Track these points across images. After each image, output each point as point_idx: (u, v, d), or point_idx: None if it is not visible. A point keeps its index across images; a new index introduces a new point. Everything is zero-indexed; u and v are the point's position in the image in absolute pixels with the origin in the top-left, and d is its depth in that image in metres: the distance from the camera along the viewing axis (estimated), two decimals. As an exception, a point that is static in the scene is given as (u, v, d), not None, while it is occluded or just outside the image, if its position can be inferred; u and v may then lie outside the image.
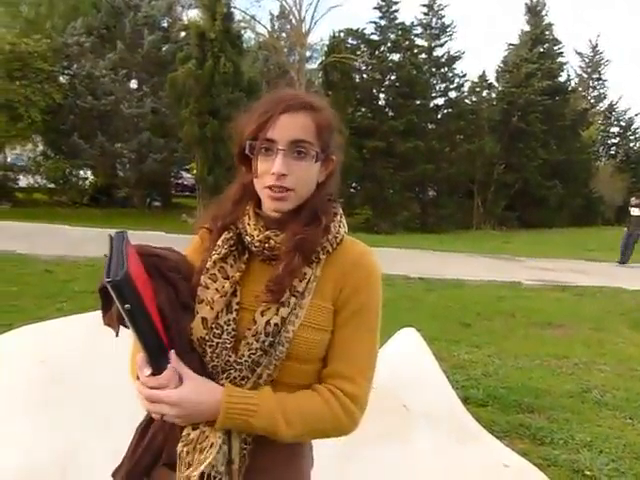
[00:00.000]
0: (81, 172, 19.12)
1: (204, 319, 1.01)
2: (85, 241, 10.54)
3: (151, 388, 0.93)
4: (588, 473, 2.85)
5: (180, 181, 23.98)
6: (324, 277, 1.04)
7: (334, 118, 1.09)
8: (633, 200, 13.91)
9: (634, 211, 13.62)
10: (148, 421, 1.09)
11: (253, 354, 0.98)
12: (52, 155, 18.18)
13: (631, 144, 34.85)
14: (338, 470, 2.23)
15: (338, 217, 1.10)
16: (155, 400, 0.94)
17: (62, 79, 17.41)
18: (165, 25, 20.12)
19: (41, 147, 18.87)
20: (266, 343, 0.97)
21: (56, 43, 16.63)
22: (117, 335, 1.02)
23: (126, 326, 0.99)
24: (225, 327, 1.00)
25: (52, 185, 18.50)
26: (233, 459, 0.98)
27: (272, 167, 1.00)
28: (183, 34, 19.26)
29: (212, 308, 1.01)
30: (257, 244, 1.03)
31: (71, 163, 17.74)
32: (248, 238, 1.05)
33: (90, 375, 2.16)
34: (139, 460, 1.07)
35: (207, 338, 1.00)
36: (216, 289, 1.02)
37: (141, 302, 0.88)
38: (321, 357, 1.04)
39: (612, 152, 35.34)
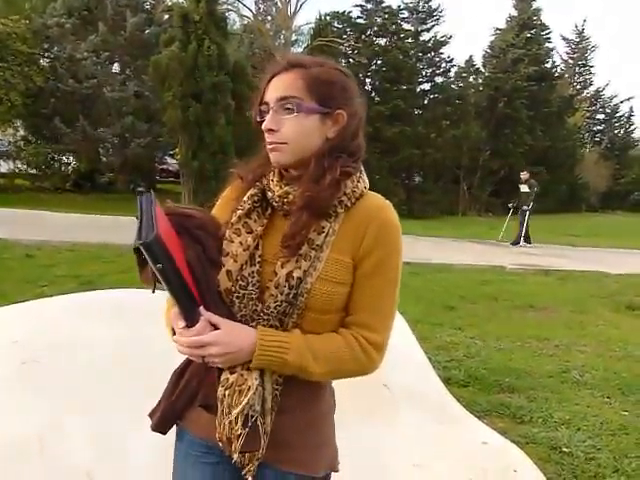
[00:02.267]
0: (63, 157, 18.83)
1: (229, 272, 1.06)
2: (67, 226, 10.42)
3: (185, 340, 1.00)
4: (566, 450, 2.88)
5: (164, 167, 23.72)
6: (343, 231, 1.08)
7: (333, 73, 1.11)
8: (522, 175, 13.25)
9: (523, 188, 13.09)
10: (183, 368, 1.17)
11: (279, 305, 1.03)
12: (33, 140, 17.85)
13: (616, 131, 35.12)
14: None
15: (355, 175, 1.11)
16: (195, 344, 0.99)
17: (42, 61, 17.05)
18: (148, 7, 19.77)
19: (22, 132, 18.51)
20: (290, 295, 1.03)
21: (35, 24, 16.23)
22: (153, 292, 1.05)
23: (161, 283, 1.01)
24: (250, 279, 1.06)
25: (34, 171, 18.17)
26: (266, 398, 1.05)
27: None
28: (166, 16, 18.93)
29: (236, 261, 1.07)
30: (277, 199, 1.09)
31: (53, 148, 17.44)
32: (270, 194, 1.11)
33: (64, 355, 2.14)
34: (175, 402, 1.15)
35: (233, 290, 1.06)
36: (240, 243, 1.08)
37: (172, 261, 0.93)
38: (340, 308, 1.09)
39: (597, 139, 35.61)
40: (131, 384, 1.97)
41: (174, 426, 1.19)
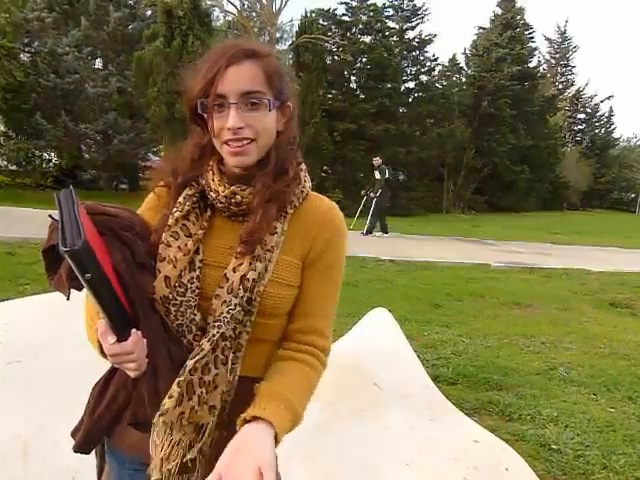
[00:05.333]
0: (45, 154, 18.53)
1: (167, 278, 0.98)
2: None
3: (117, 355, 0.89)
4: (554, 447, 2.90)
5: (148, 164, 23.46)
6: (291, 232, 1.03)
7: (281, 63, 1.07)
8: (375, 161, 12.97)
9: (376, 174, 12.91)
10: (106, 380, 1.08)
11: (232, 309, 0.96)
12: (14, 136, 17.54)
13: (596, 130, 35.61)
14: (312, 448, 2.21)
15: (303, 170, 1.09)
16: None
17: (23, 56, 16.73)
18: (131, 2, 19.49)
19: (2, 127, 18.18)
20: (244, 299, 0.96)
21: (16, 18, 15.92)
22: (68, 298, 0.97)
23: (77, 288, 0.94)
24: (189, 285, 0.98)
25: (14, 167, 17.88)
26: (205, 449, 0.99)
27: (227, 123, 0.97)
28: (150, 12, 18.70)
29: (175, 266, 0.98)
30: (223, 200, 1.01)
31: (34, 144, 17.15)
32: (213, 194, 1.02)
33: (49, 355, 2.08)
34: (99, 419, 1.05)
35: (170, 297, 0.97)
36: (178, 247, 0.99)
37: (101, 270, 0.84)
38: (286, 312, 1.05)
39: (578, 138, 36.08)
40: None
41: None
